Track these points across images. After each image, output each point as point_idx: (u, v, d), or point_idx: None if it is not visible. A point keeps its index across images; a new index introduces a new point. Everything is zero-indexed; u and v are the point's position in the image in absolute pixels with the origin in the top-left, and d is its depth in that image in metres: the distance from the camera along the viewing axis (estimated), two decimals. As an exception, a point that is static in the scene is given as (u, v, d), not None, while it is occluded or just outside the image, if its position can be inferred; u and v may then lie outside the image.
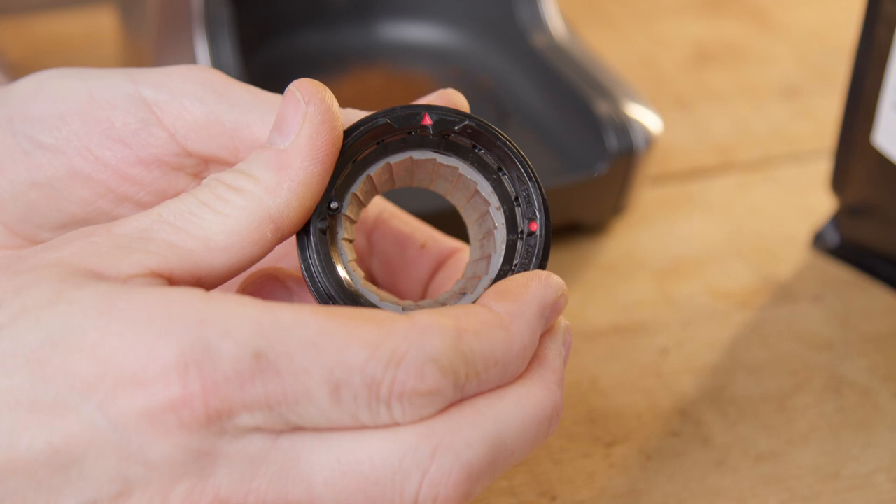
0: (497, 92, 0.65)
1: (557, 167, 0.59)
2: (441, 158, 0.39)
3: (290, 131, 0.36)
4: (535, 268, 0.38)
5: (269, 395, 0.33)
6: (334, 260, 0.37)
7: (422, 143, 0.39)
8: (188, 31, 0.58)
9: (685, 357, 0.54)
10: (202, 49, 0.58)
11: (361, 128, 0.38)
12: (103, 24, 0.74)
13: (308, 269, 0.37)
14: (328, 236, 0.37)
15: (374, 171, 0.38)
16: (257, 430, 0.33)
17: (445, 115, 0.38)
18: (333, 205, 0.37)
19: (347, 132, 0.38)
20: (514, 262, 0.38)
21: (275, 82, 0.66)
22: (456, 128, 0.38)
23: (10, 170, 0.40)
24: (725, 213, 0.63)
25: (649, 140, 0.58)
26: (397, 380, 0.33)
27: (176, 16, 0.59)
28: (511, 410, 0.35)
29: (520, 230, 0.39)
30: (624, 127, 0.58)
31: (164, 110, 0.39)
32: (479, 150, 0.39)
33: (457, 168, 0.39)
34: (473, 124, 0.38)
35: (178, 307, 0.33)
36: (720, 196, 0.64)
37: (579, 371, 0.53)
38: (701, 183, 0.65)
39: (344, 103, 0.42)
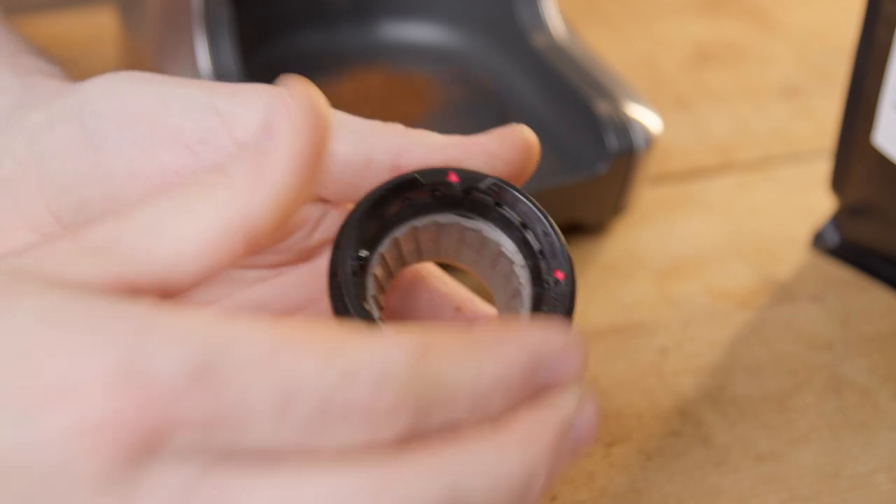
0: (497, 92, 0.65)
1: (557, 167, 0.59)
2: (465, 222, 0.40)
3: (272, 133, 0.34)
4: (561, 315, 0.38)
5: (206, 412, 0.30)
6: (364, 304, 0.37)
7: (446, 205, 0.39)
8: (188, 31, 0.58)
9: (685, 357, 0.54)
10: (202, 49, 0.58)
11: (389, 182, 0.39)
12: (103, 24, 0.74)
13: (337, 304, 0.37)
14: (357, 279, 0.37)
15: (401, 233, 0.39)
16: (188, 456, 0.30)
17: (470, 174, 0.40)
18: (363, 253, 0.37)
19: (376, 188, 0.39)
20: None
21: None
22: (481, 185, 0.39)
23: (73, 160, 0.39)
24: (725, 213, 0.63)
25: (649, 140, 0.58)
26: (350, 396, 0.30)
27: (176, 16, 0.59)
28: (476, 465, 0.31)
29: (544, 282, 0.39)
30: (624, 127, 0.58)
31: (234, 122, 0.39)
32: (502, 207, 0.39)
33: (481, 231, 0.40)
34: (499, 181, 0.39)
35: (123, 319, 0.30)
36: (720, 196, 0.64)
37: (579, 371, 0.53)
38: (701, 183, 0.65)
39: (344, 104, 0.42)
